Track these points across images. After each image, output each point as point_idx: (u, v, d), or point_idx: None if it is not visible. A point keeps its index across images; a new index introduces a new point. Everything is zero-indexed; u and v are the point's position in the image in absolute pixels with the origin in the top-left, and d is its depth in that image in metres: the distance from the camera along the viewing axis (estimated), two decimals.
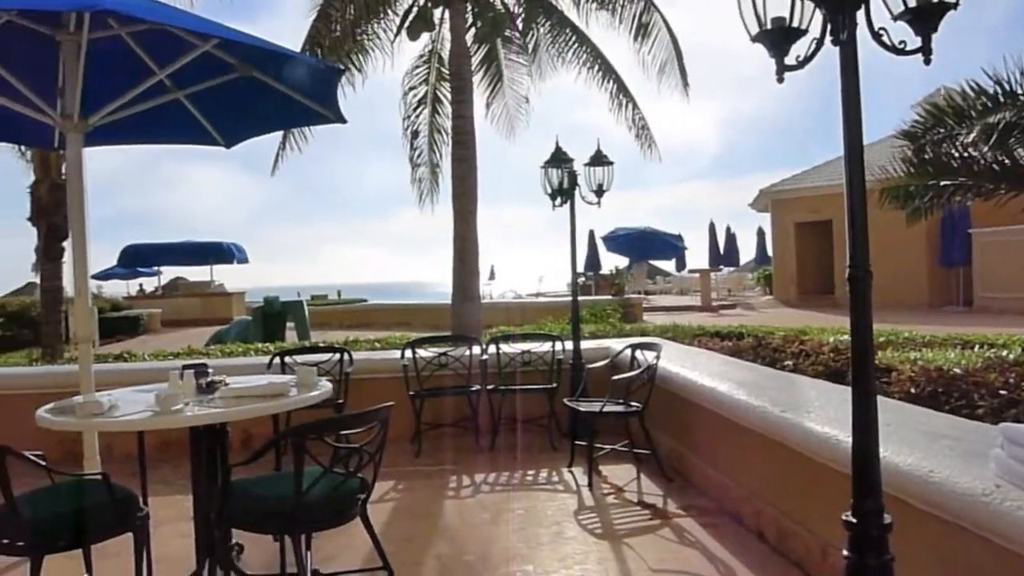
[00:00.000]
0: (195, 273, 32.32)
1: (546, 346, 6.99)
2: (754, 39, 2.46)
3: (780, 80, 2.43)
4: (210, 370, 3.73)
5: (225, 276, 31.69)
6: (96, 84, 4.67)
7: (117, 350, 10.62)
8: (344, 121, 5.23)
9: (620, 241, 28.06)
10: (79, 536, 3.23)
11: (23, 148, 13.77)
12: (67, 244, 12.10)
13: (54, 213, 11.99)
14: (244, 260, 30.86)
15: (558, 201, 7.07)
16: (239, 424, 3.95)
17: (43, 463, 3.03)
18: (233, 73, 4.96)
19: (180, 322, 24.27)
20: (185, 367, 3.69)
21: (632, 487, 5.49)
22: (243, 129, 5.79)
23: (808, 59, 2.41)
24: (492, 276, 35.33)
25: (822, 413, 3.83)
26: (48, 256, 12.17)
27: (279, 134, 11.53)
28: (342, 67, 8.40)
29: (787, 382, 5.16)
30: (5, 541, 3.07)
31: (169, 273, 33.81)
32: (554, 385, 6.71)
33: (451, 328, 9.91)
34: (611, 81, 12.12)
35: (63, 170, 12.07)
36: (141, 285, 33.93)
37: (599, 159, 6.99)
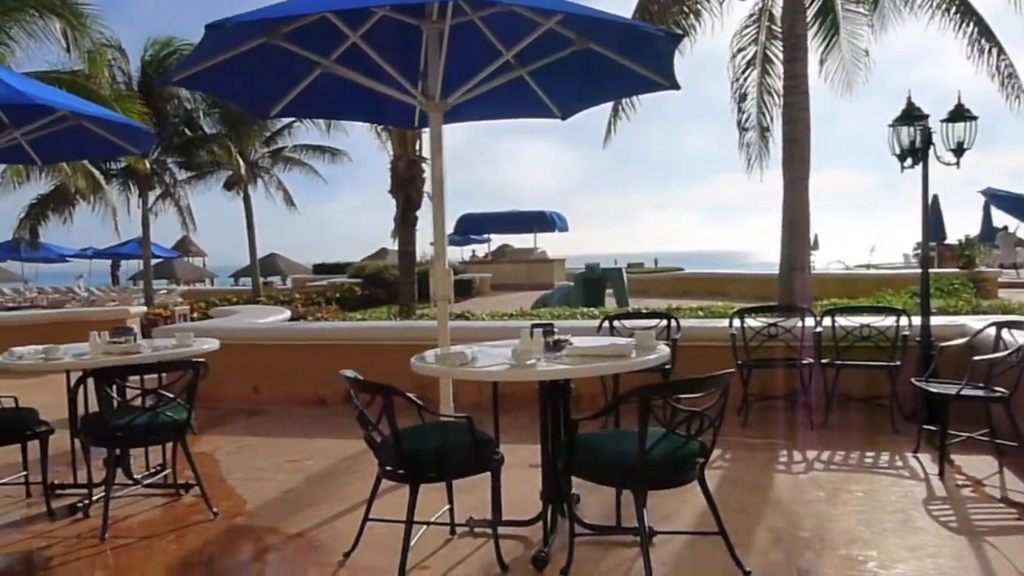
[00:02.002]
0: (520, 240, 34.53)
1: (887, 320, 6.45)
2: None
3: None
4: (555, 330, 3.97)
5: (547, 243, 33.48)
6: (450, 66, 5.12)
7: (458, 310, 11.70)
8: (678, 87, 5.22)
9: (1012, 202, 23.56)
10: (445, 470, 3.65)
11: (379, 129, 15.64)
12: (419, 213, 13.58)
13: (409, 186, 13.48)
14: (565, 228, 32.37)
15: (908, 162, 6.41)
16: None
17: (421, 403, 3.45)
18: (571, 47, 5.16)
19: (506, 286, 26.05)
20: (534, 326, 3.96)
21: (993, 481, 4.90)
22: (579, 101, 6.04)
23: None
24: (816, 246, 33.25)
25: None
26: (405, 223, 13.73)
27: (607, 105, 11.75)
28: (681, 33, 8.32)
29: None
30: (389, 468, 3.58)
31: (497, 240, 36.48)
32: (897, 363, 6.18)
33: (776, 299, 9.51)
34: (970, 24, 10.66)
35: (417, 147, 13.53)
36: (473, 251, 37.05)
37: (960, 114, 6.20)
